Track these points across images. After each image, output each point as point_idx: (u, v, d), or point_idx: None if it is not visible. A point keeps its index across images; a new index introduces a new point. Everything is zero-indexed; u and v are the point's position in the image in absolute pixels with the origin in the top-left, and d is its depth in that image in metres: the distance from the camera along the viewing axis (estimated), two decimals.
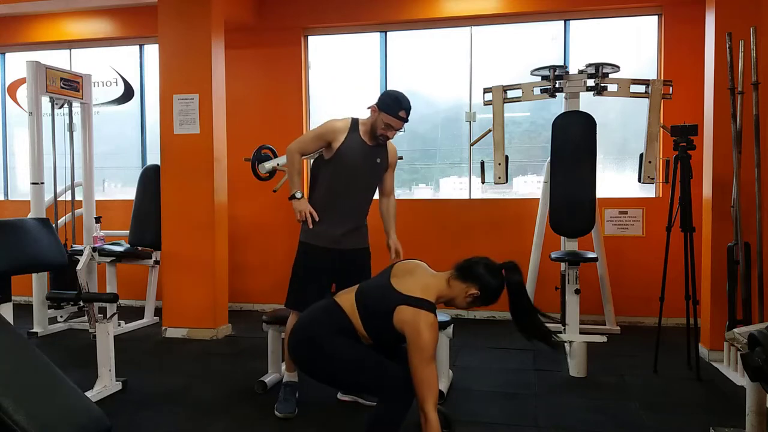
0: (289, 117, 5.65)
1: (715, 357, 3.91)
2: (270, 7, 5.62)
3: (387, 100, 3.02)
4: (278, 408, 3.13)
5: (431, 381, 2.18)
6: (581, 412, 3.13)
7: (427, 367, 2.18)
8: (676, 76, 4.62)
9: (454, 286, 2.34)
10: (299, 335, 2.38)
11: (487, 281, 2.32)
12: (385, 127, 3.01)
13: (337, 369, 2.32)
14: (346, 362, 2.30)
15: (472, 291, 2.32)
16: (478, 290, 2.32)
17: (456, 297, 2.35)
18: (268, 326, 3.54)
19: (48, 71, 4.79)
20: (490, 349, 4.35)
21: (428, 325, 2.19)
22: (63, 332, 4.94)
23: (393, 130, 3.03)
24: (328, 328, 2.32)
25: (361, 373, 2.31)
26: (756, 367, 1.91)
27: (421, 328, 2.18)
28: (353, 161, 3.05)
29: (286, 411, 3.10)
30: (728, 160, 3.72)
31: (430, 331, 2.18)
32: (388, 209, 3.35)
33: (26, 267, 2.96)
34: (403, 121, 3.03)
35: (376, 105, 3.04)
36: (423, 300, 2.25)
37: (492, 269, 2.33)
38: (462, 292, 2.33)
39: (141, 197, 5.16)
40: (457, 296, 2.34)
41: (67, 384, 2.12)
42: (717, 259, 3.88)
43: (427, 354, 2.17)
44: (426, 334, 2.17)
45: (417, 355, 2.18)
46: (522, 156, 5.45)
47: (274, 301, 5.47)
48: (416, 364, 2.18)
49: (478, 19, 5.33)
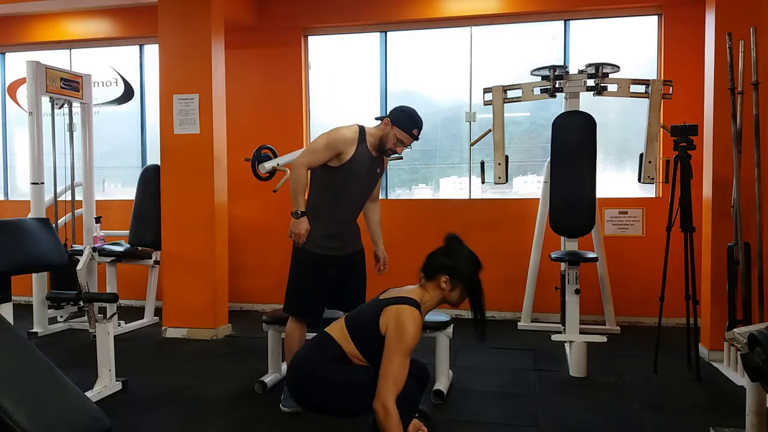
0: (289, 117, 5.65)
1: (715, 357, 3.91)
2: (270, 7, 5.62)
3: (402, 116, 2.99)
4: (285, 403, 3.12)
5: (400, 376, 2.14)
6: (581, 412, 3.13)
7: (402, 360, 2.15)
8: (676, 76, 4.63)
9: (428, 287, 2.36)
10: (296, 374, 2.35)
11: (447, 263, 2.33)
12: (397, 143, 3.00)
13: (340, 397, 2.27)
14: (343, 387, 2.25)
15: (443, 279, 2.33)
16: (447, 275, 2.32)
17: (437, 295, 2.35)
18: (268, 326, 3.54)
19: (48, 71, 4.79)
20: (490, 349, 4.35)
21: (412, 318, 2.17)
22: (63, 332, 4.94)
23: (403, 146, 3.02)
24: (323, 361, 2.29)
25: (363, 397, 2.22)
26: (756, 367, 1.91)
27: (405, 320, 2.16)
28: (360, 173, 3.04)
29: (294, 406, 3.07)
30: (728, 160, 3.72)
31: (413, 324, 2.16)
32: (374, 217, 3.34)
33: (26, 267, 2.96)
34: (415, 139, 3.03)
35: (389, 119, 3.00)
36: (408, 298, 2.24)
37: (442, 251, 2.37)
38: (437, 287, 2.34)
39: (141, 197, 5.16)
40: (437, 294, 2.35)
41: (67, 384, 2.12)
42: (717, 259, 3.88)
43: (405, 346, 2.14)
44: (409, 326, 2.15)
45: (394, 346, 2.15)
46: (522, 156, 5.45)
47: (274, 301, 5.47)
48: (391, 355, 2.14)
49: (478, 19, 5.33)
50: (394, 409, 2.11)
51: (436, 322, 3.36)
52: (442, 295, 2.36)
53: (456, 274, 2.32)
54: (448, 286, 2.32)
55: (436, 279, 2.33)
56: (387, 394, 2.11)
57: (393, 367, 2.13)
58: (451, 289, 2.34)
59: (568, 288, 3.87)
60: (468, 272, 2.35)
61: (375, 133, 3.06)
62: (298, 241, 3.07)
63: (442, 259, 2.36)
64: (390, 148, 3.02)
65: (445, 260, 2.35)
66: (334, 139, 3.00)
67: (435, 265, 2.35)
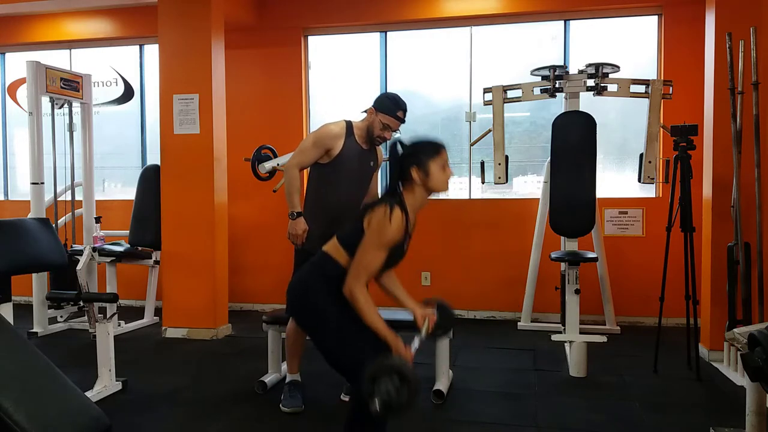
0: (289, 117, 5.65)
1: (715, 357, 3.91)
2: (270, 7, 5.62)
3: (385, 101, 3.03)
4: (285, 403, 3.12)
5: (372, 265, 2.08)
6: (581, 412, 3.13)
7: (376, 252, 2.08)
8: (676, 76, 4.63)
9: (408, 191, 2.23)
10: (296, 291, 2.27)
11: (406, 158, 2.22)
12: (383, 128, 3.01)
13: (324, 333, 2.19)
14: (332, 330, 2.16)
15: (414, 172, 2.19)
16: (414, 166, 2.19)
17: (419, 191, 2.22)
18: (268, 326, 3.54)
19: (48, 71, 4.79)
20: (490, 349, 4.35)
21: (396, 217, 2.10)
22: (63, 332, 4.94)
23: (390, 131, 3.03)
24: (322, 280, 2.20)
25: (342, 349, 2.16)
26: (756, 367, 1.91)
27: (383, 215, 2.10)
28: (351, 166, 3.05)
29: (294, 405, 3.09)
30: (728, 160, 3.72)
31: (396, 222, 2.09)
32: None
33: (26, 267, 2.96)
34: (401, 122, 3.03)
35: (373, 107, 3.04)
36: (391, 198, 2.18)
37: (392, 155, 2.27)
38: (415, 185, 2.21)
39: (141, 197, 5.16)
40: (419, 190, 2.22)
41: (67, 384, 2.12)
42: (717, 259, 3.87)
43: (383, 239, 2.08)
44: (388, 221, 2.08)
45: (370, 238, 2.09)
46: (522, 156, 5.45)
47: (274, 301, 5.47)
48: (366, 246, 2.08)
49: (478, 19, 5.33)
50: (361, 293, 2.07)
51: None
52: (424, 188, 2.23)
53: (418, 159, 2.21)
54: (421, 175, 2.20)
55: (409, 179, 2.22)
56: (353, 280, 2.08)
57: (366, 256, 2.08)
58: (426, 175, 2.21)
59: (568, 288, 3.87)
60: (429, 147, 2.24)
61: (361, 125, 3.08)
62: (296, 242, 3.07)
63: (400, 159, 2.24)
64: (378, 135, 3.03)
65: (403, 157, 2.23)
66: (321, 135, 3.03)
67: (399, 169, 2.23)
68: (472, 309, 5.32)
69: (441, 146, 2.26)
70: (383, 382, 1.88)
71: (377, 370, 1.90)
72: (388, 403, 1.87)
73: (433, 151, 2.23)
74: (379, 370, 1.90)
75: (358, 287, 2.08)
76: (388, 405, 1.87)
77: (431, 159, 2.21)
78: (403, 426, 2.75)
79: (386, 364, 1.92)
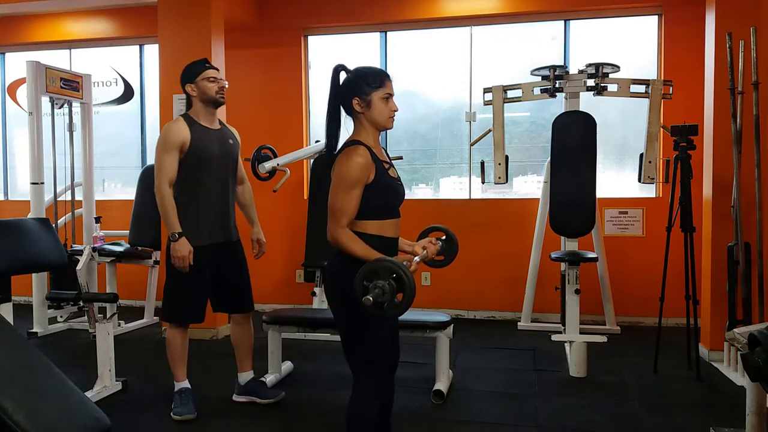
0: (289, 117, 5.65)
1: (715, 357, 3.91)
2: (270, 7, 5.62)
3: (187, 69, 3.18)
4: (176, 411, 3.07)
5: (345, 207, 2.01)
6: (581, 412, 3.13)
7: (344, 194, 2.01)
8: (676, 76, 4.63)
9: (357, 125, 2.14)
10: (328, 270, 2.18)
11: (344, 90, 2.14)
12: (211, 82, 3.07)
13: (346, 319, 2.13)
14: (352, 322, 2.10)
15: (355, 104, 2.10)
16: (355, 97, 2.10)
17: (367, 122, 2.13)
18: (268, 326, 3.54)
19: (48, 71, 4.79)
20: (490, 349, 4.35)
21: (352, 152, 2.03)
22: (63, 332, 4.94)
23: (219, 82, 3.09)
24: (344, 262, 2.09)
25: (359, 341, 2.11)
26: (756, 367, 1.90)
27: (343, 157, 2.04)
28: (211, 152, 3.03)
29: (186, 413, 3.06)
30: (728, 160, 3.72)
31: (352, 158, 2.02)
32: (243, 199, 3.35)
33: (26, 267, 2.96)
34: (214, 69, 3.13)
35: (185, 84, 3.11)
36: (347, 141, 2.11)
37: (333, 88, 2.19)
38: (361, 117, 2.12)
39: (141, 197, 5.15)
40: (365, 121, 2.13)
41: (67, 384, 2.12)
42: (717, 259, 3.87)
43: (346, 180, 2.01)
44: (346, 160, 2.02)
45: (335, 182, 2.03)
46: (522, 156, 5.45)
47: (274, 301, 5.47)
48: (333, 191, 2.03)
49: (478, 19, 5.33)
50: (342, 235, 2.02)
51: (436, 322, 3.36)
52: (371, 118, 2.12)
53: (357, 88, 2.10)
54: (364, 105, 2.10)
55: (354, 112, 2.13)
56: (333, 225, 2.04)
57: (336, 201, 2.03)
58: (368, 105, 2.10)
59: (568, 288, 3.87)
60: (371, 76, 2.13)
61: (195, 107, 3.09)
62: (182, 266, 2.96)
63: (339, 91, 2.14)
64: (213, 95, 3.09)
65: (344, 86, 2.13)
66: (165, 136, 2.98)
67: (340, 103, 2.14)
68: (472, 309, 5.32)
69: (385, 75, 2.15)
70: (380, 280, 1.82)
71: (376, 267, 1.85)
72: (380, 303, 1.81)
73: (376, 81, 2.11)
74: (378, 267, 1.85)
75: (339, 231, 2.03)
76: (379, 305, 1.81)
77: (374, 89, 2.10)
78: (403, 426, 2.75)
79: (385, 263, 1.86)
